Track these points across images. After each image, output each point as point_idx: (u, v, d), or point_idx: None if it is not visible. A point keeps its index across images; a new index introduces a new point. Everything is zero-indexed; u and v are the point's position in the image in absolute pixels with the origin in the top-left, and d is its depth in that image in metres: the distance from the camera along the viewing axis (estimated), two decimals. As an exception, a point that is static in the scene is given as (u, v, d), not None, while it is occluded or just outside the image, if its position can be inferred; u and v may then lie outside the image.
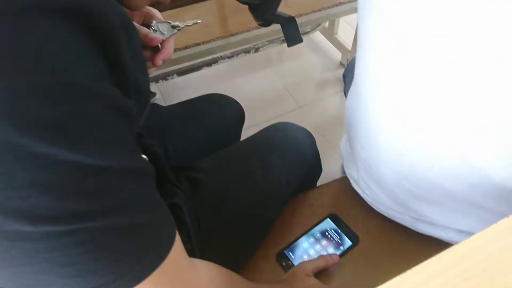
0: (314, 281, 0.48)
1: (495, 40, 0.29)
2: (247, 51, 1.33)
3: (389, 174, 0.45)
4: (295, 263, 0.55)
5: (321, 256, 0.53)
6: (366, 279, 0.53)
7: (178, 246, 0.27)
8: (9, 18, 0.15)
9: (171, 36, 0.44)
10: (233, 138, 0.72)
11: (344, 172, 0.63)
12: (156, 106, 0.66)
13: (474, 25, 0.29)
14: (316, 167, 0.67)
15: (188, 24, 0.45)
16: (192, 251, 0.43)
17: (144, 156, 0.29)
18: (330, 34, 1.45)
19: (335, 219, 0.60)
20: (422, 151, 0.40)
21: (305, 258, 0.56)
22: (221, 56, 1.28)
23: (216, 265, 0.36)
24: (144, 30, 0.46)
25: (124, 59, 0.22)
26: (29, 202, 0.18)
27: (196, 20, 0.48)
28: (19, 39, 0.15)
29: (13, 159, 0.17)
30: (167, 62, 0.45)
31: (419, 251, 0.53)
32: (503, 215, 0.23)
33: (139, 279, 0.23)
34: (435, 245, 0.43)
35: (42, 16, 0.16)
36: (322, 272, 0.52)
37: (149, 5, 0.45)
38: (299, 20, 0.83)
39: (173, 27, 0.44)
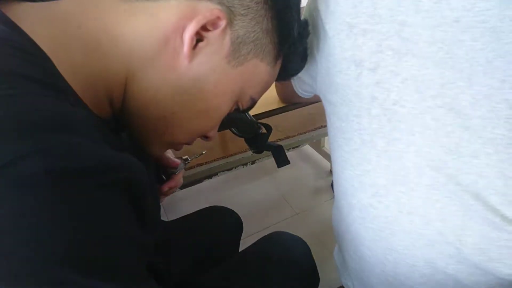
0: None
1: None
2: (244, 164, 1.46)
3: (377, 283, 0.48)
4: None
5: None
6: None
7: None
8: (91, 194, 0.23)
9: (182, 169, 0.54)
10: (231, 249, 0.76)
11: None
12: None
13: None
14: (313, 277, 0.68)
15: (196, 157, 0.56)
16: None
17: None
18: (318, 147, 1.62)
19: (337, 335, 0.58)
20: (401, 260, 0.45)
21: None
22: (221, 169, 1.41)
23: None
24: (164, 161, 0.55)
25: (149, 208, 0.29)
26: None
27: (202, 151, 0.59)
28: (87, 200, 0.22)
29: None
30: (173, 191, 0.53)
31: None
32: None
33: None
34: None
35: (103, 186, 0.23)
36: None
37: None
38: (287, 142, 0.97)
39: (184, 161, 0.54)
